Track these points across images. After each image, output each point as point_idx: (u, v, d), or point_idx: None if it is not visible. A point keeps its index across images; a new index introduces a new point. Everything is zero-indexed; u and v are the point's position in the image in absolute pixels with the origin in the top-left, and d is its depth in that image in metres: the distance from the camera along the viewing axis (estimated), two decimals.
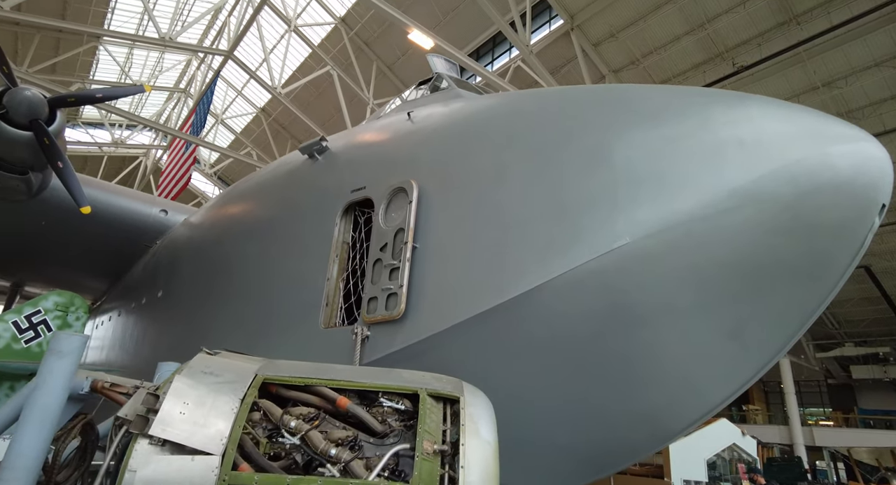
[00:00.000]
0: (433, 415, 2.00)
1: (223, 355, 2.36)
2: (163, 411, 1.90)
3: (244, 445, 1.92)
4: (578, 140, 3.77)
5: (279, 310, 5.13)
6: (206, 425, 1.86)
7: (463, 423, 1.96)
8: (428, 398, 2.07)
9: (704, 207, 3.17)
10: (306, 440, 1.98)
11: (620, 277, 3.32)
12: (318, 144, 5.59)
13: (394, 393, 2.16)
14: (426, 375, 2.29)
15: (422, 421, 1.95)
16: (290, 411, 2.11)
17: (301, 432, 2.00)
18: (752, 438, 11.97)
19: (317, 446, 1.96)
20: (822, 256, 3.18)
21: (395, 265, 4.10)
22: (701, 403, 3.55)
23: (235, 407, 1.95)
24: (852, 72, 18.34)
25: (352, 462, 1.88)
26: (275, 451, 2.00)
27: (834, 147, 3.10)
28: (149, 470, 1.71)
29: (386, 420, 2.11)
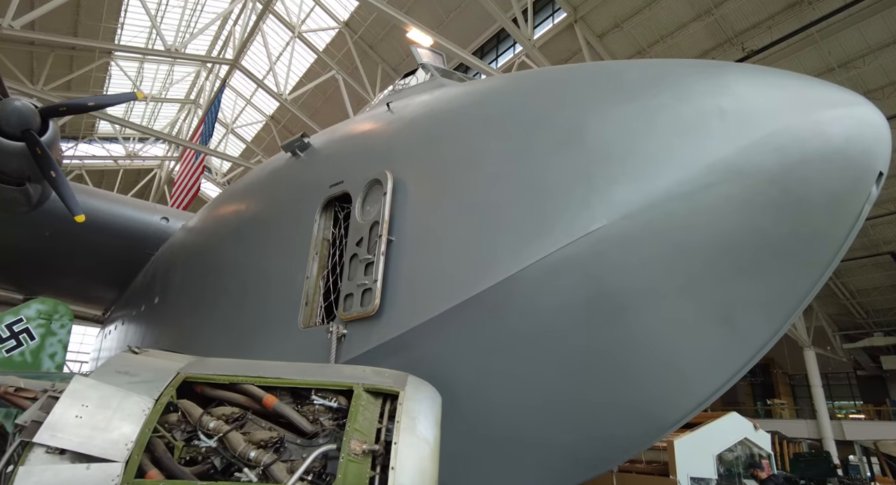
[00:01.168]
0: (367, 412, 1.84)
1: (150, 354, 2.23)
2: (53, 415, 1.74)
3: (155, 449, 1.77)
4: (552, 120, 3.57)
5: (261, 311, 5.02)
6: (108, 429, 1.71)
7: (398, 419, 1.78)
8: (364, 394, 1.91)
9: (683, 183, 2.95)
10: (225, 442, 1.83)
11: (598, 262, 3.12)
12: (299, 141, 5.48)
13: (328, 390, 2.00)
14: (368, 370, 2.13)
15: (352, 419, 1.79)
16: (213, 411, 1.96)
17: (220, 433, 1.85)
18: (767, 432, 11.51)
19: (235, 448, 1.81)
20: (815, 232, 2.93)
21: (371, 260, 3.95)
22: (693, 393, 3.32)
23: (147, 408, 1.80)
24: (870, 50, 17.67)
25: (272, 465, 1.73)
26: (191, 455, 1.86)
27: (823, 112, 2.85)
28: (30, 482, 1.56)
29: (318, 419, 1.95)
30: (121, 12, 26.08)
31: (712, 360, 3.22)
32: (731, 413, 7.38)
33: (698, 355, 3.22)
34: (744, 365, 3.20)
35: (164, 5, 26.12)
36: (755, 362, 3.22)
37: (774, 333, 3.12)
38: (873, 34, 17.30)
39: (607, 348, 3.26)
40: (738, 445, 7.16)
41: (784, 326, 3.12)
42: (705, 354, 3.20)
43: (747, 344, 3.16)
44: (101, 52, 27.77)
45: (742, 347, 3.17)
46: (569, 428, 3.52)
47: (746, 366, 3.21)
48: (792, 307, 3.08)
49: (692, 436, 6.42)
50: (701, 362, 3.23)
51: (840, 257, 3.01)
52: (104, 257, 10.80)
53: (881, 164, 2.86)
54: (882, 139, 2.85)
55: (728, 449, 7.00)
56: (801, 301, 3.07)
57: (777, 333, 3.13)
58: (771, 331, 3.12)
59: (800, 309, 3.11)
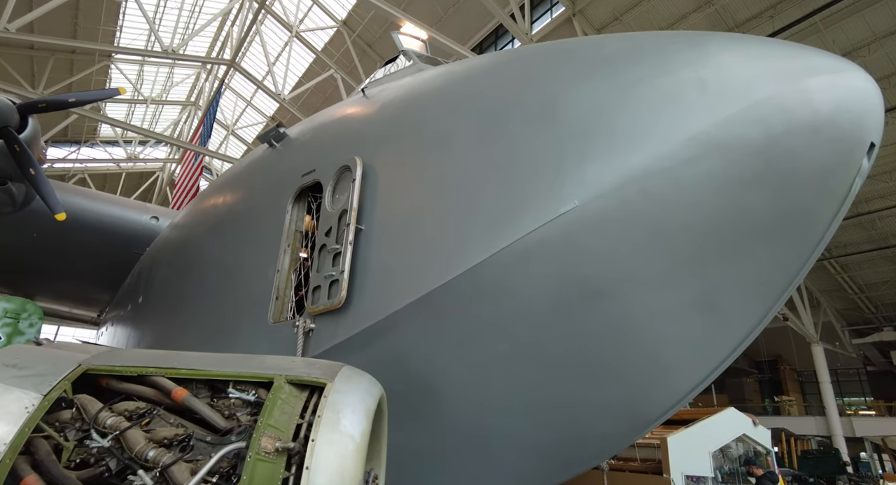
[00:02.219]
0: (287, 406, 1.64)
1: (58, 345, 2.05)
2: None
3: (37, 451, 1.58)
4: (523, 98, 3.37)
5: (233, 306, 4.84)
6: None
7: (319, 414, 1.59)
8: (285, 386, 1.71)
9: (660, 158, 2.74)
10: (121, 441, 1.64)
11: (571, 246, 2.91)
12: (274, 132, 5.31)
13: (248, 382, 1.80)
14: (299, 360, 1.94)
15: (266, 413, 1.59)
16: (115, 407, 1.77)
17: (117, 430, 1.67)
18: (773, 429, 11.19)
19: (132, 447, 1.62)
20: (803, 209, 2.71)
21: (339, 250, 3.76)
22: (675, 385, 3.11)
23: (32, 405, 1.61)
24: (875, 38, 17.29)
25: (173, 466, 1.54)
26: (83, 457, 1.66)
27: (810, 80, 2.63)
28: None
29: (234, 414, 1.76)
30: (119, 15, 26.08)
31: (696, 349, 3.01)
32: (729, 409, 7.12)
33: (681, 345, 3.00)
34: (729, 354, 2.98)
35: (162, 7, 26.10)
36: (741, 351, 3.00)
37: (761, 320, 2.90)
38: (878, 22, 16.93)
39: (583, 339, 3.05)
40: (735, 441, 6.91)
41: (771, 312, 2.90)
42: (688, 343, 2.99)
43: (732, 331, 2.94)
44: (101, 55, 27.82)
45: (727, 335, 2.95)
46: (546, 424, 3.31)
47: (732, 355, 2.99)
48: (780, 291, 2.86)
49: (686, 433, 6.18)
50: (683, 352, 3.02)
51: (830, 236, 2.79)
52: (94, 258, 10.67)
53: (873, 134, 2.64)
54: (873, 108, 2.63)
55: (725, 446, 6.75)
56: (790, 284, 2.85)
57: (764, 319, 2.91)
58: (757, 317, 2.90)
59: (788, 292, 2.89)
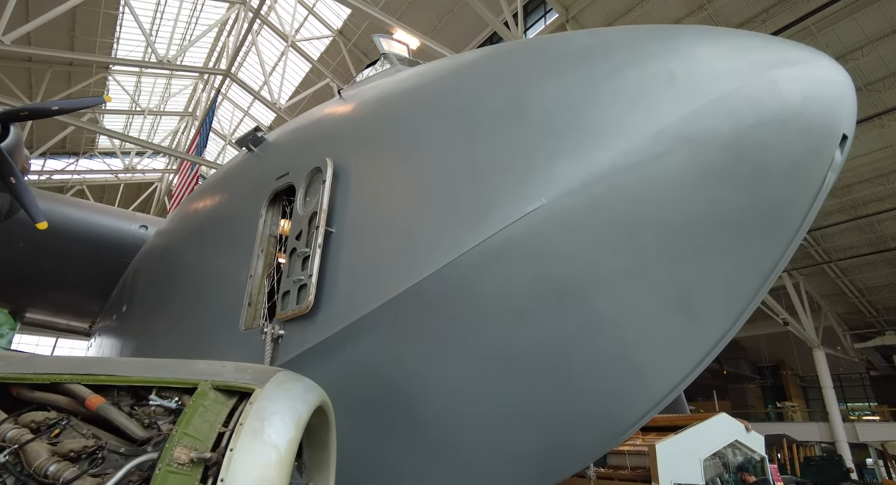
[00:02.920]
0: (210, 413, 1.53)
1: None
2: None
3: None
4: (492, 95, 3.30)
5: (207, 313, 4.75)
6: None
7: (241, 421, 1.48)
8: (210, 392, 1.60)
9: (629, 154, 2.66)
10: (20, 455, 1.53)
11: (540, 244, 2.82)
12: (252, 135, 5.24)
13: (171, 388, 1.70)
14: (230, 365, 1.82)
15: (184, 421, 1.48)
16: (21, 417, 1.66)
17: (16, 444, 1.55)
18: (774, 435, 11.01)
19: (31, 462, 1.51)
20: (775, 203, 2.62)
21: (308, 253, 3.67)
22: (651, 389, 2.99)
23: None
24: (868, 41, 17.29)
25: (76, 481, 1.42)
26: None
27: (779, 71, 2.55)
28: None
29: (155, 423, 1.66)
30: (116, 27, 26.21)
31: (671, 351, 2.90)
32: (720, 414, 6.96)
33: (655, 347, 2.90)
34: (706, 355, 2.88)
35: (159, 18, 26.26)
36: (718, 352, 2.89)
37: (737, 318, 2.80)
38: (871, 25, 16.94)
39: (555, 342, 2.95)
40: (728, 448, 6.75)
41: (748, 310, 2.80)
42: (662, 345, 2.89)
43: (708, 331, 2.84)
44: (99, 66, 27.95)
45: (703, 336, 2.85)
46: (522, 431, 3.20)
47: (709, 356, 2.89)
48: (755, 288, 2.76)
49: (676, 439, 6.01)
50: (658, 355, 2.91)
51: (804, 231, 2.70)
52: (82, 268, 10.59)
53: (844, 126, 2.55)
54: (844, 99, 2.55)
55: (721, 454, 6.59)
56: (765, 281, 2.75)
57: (740, 318, 2.81)
58: (733, 315, 2.80)
59: (763, 290, 2.79)
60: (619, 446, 6.32)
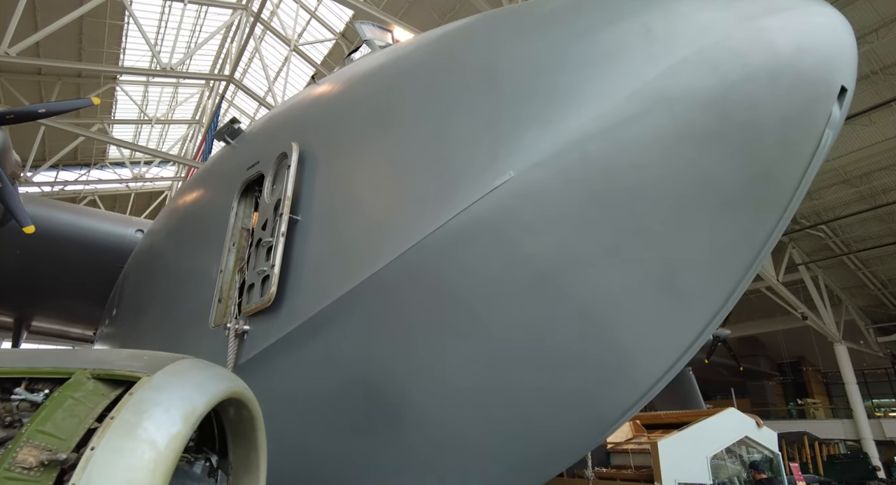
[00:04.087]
0: (81, 407, 1.30)
1: None
2: None
3: None
4: (460, 66, 3.06)
5: (181, 311, 4.57)
6: None
7: (113, 415, 1.24)
8: (88, 382, 1.36)
9: (602, 118, 2.40)
10: None
11: (509, 222, 2.57)
12: (229, 127, 5.05)
13: (44, 379, 1.46)
14: (125, 352, 1.59)
15: (40, 417, 1.22)
16: None
17: None
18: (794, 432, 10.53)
19: None
20: (766, 167, 2.34)
21: (272, 243, 3.45)
22: (637, 378, 2.72)
23: None
24: (883, 23, 16.72)
25: None
26: None
27: (767, 19, 2.28)
28: None
29: (19, 420, 1.43)
30: (122, 37, 26.44)
31: (656, 336, 2.63)
32: (728, 409, 6.58)
33: (639, 332, 2.63)
34: (694, 339, 2.60)
35: (163, 27, 26.45)
36: (707, 336, 2.61)
37: (727, 298, 2.52)
38: (885, 6, 16.37)
39: (528, 330, 2.69)
40: (737, 445, 6.38)
41: (738, 288, 2.52)
42: (647, 329, 2.61)
43: (696, 314, 2.57)
44: (106, 77, 28.26)
45: (690, 318, 2.58)
46: (501, 428, 2.94)
47: (697, 341, 2.61)
48: (746, 263, 2.48)
49: (679, 436, 5.66)
50: (642, 341, 2.64)
51: (799, 198, 2.41)
52: (80, 275, 10.53)
53: (843, 77, 2.27)
54: (842, 47, 2.27)
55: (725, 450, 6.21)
56: (756, 256, 2.47)
57: (731, 298, 2.53)
58: (723, 295, 2.52)
59: (755, 265, 2.51)
60: (623, 445, 6.01)
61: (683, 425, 6.08)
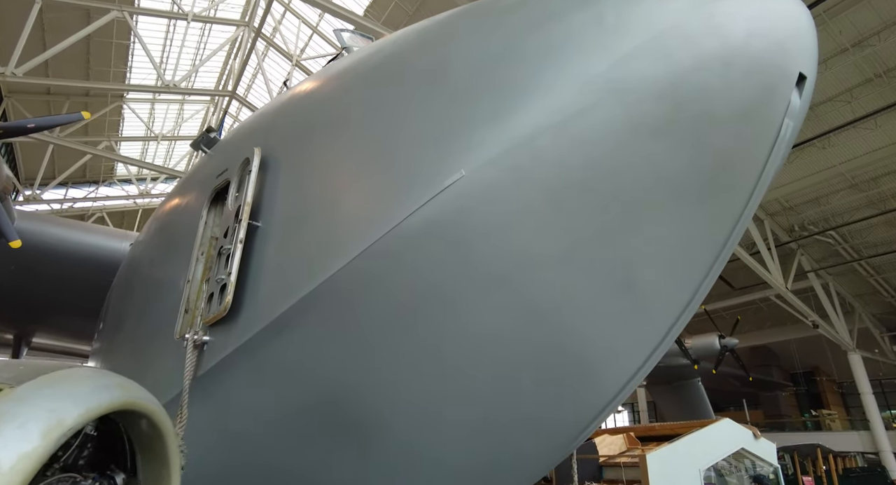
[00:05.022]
0: None
1: None
2: None
3: None
4: (414, 65, 2.98)
5: (150, 323, 4.48)
6: None
7: None
8: None
9: (552, 112, 2.30)
10: None
11: (461, 223, 2.46)
12: (204, 137, 5.00)
13: None
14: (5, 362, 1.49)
15: None
16: None
17: None
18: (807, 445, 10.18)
19: None
20: (724, 158, 2.21)
21: (231, 250, 3.36)
22: (601, 385, 2.57)
23: None
24: (885, 26, 16.52)
25: None
26: None
27: (718, 4, 2.17)
28: None
29: None
30: (129, 56, 26.90)
31: (618, 340, 2.48)
32: (723, 420, 6.31)
33: (600, 336, 2.48)
34: (659, 342, 2.45)
35: (168, 45, 26.88)
36: (672, 340, 2.46)
37: (692, 297, 2.38)
38: (886, 8, 16.19)
39: (486, 334, 2.56)
40: (732, 457, 6.11)
41: (702, 287, 2.38)
42: (608, 333, 2.47)
43: (659, 314, 2.42)
44: (113, 95, 28.73)
45: (653, 319, 2.43)
46: (454, 440, 2.80)
47: (663, 343, 2.45)
48: (708, 260, 2.34)
49: (670, 448, 5.41)
50: (604, 345, 2.49)
51: (761, 191, 2.27)
52: (75, 290, 10.51)
53: (801, 63, 2.14)
54: (797, 32, 2.15)
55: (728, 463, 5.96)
56: (719, 252, 2.33)
57: (694, 298, 2.38)
58: (686, 294, 2.37)
59: (719, 262, 2.36)
60: (616, 458, 5.79)
61: (677, 437, 5.85)
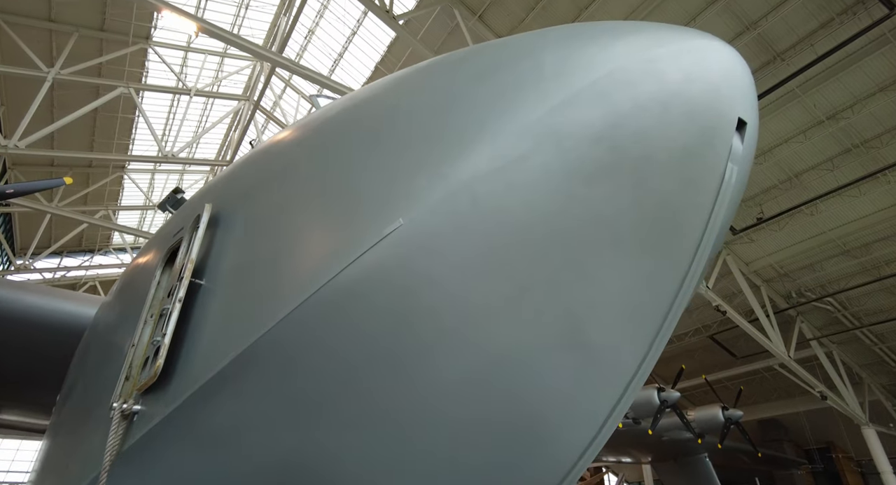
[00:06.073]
0: None
1: None
2: None
3: None
4: (363, 117, 2.96)
5: (93, 391, 4.18)
6: None
7: None
8: None
9: (491, 159, 2.22)
10: None
11: (401, 273, 2.31)
12: (171, 198, 4.96)
13: None
14: None
15: None
16: None
17: None
18: None
19: None
20: (667, 203, 2.10)
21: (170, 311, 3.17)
22: (557, 452, 2.28)
23: None
24: (856, 100, 17.28)
25: None
26: None
27: (657, 50, 2.16)
28: None
29: None
30: (133, 129, 27.87)
31: (571, 399, 2.23)
32: None
33: (550, 394, 2.24)
34: (616, 402, 2.19)
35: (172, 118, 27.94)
36: (631, 399, 2.20)
37: (645, 353, 2.16)
38: (855, 85, 17.03)
39: (425, 394, 2.32)
40: None
41: (657, 342, 2.17)
42: (560, 390, 2.23)
43: (613, 371, 2.19)
44: (115, 166, 29.48)
45: (607, 377, 2.19)
46: None
47: (621, 404, 2.20)
48: (660, 313, 2.15)
49: None
50: (557, 404, 2.24)
51: (711, 239, 2.12)
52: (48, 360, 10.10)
53: (738, 107, 2.09)
54: (732, 78, 2.12)
55: None
56: (672, 303, 2.14)
57: (650, 353, 2.17)
58: (640, 350, 2.16)
59: (672, 316, 2.17)
60: None
61: None
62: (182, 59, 25.04)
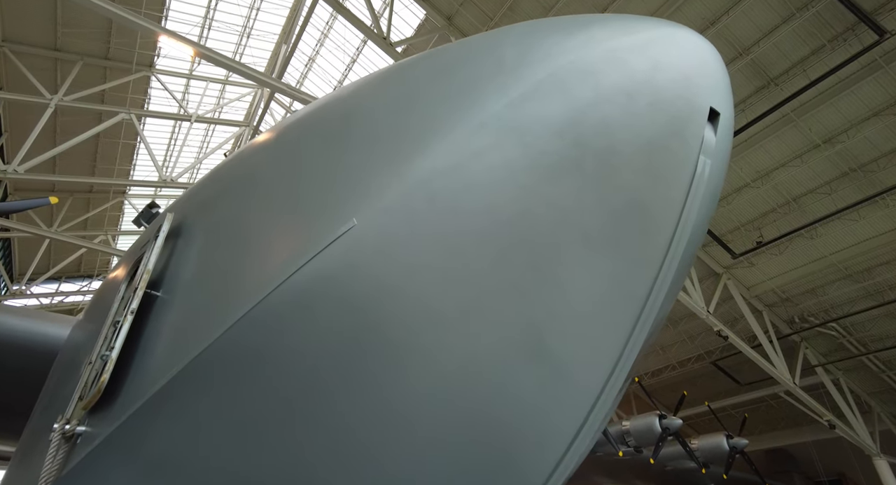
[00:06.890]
0: None
1: None
2: None
3: None
4: (323, 119, 2.84)
5: (49, 412, 3.96)
6: None
7: None
8: None
9: (448, 154, 2.08)
10: None
11: (353, 277, 2.14)
12: (145, 212, 4.83)
13: None
14: None
15: None
16: None
17: None
18: None
19: None
20: (636, 199, 1.94)
21: None
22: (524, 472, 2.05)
23: None
24: (850, 125, 17.30)
25: None
26: None
27: (621, 39, 2.03)
28: None
29: None
30: (134, 155, 28.10)
31: (536, 414, 2.02)
32: None
33: (514, 408, 2.03)
34: (585, 417, 1.97)
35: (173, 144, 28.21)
36: (602, 414, 1.98)
37: (614, 365, 1.95)
38: (849, 110, 17.07)
39: (382, 409, 2.12)
40: None
41: (626, 353, 1.96)
42: (522, 412, 2.02)
43: (580, 384, 1.98)
44: (115, 192, 29.60)
45: (573, 393, 1.98)
46: None
47: (591, 419, 1.97)
48: (629, 319, 1.95)
49: None
50: (519, 428, 2.03)
51: (684, 238, 1.95)
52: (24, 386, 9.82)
53: (709, 97, 1.95)
54: (703, 66, 1.99)
55: None
56: (641, 308, 1.95)
57: (619, 365, 1.96)
58: (609, 361, 1.95)
59: (642, 323, 1.97)
60: None
61: None
62: (184, 86, 25.42)
